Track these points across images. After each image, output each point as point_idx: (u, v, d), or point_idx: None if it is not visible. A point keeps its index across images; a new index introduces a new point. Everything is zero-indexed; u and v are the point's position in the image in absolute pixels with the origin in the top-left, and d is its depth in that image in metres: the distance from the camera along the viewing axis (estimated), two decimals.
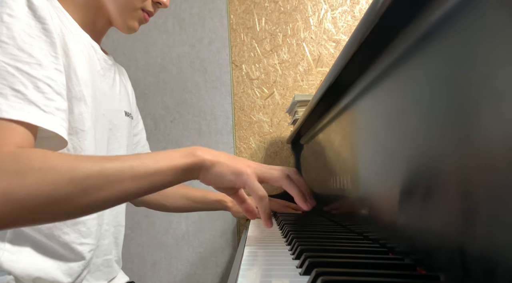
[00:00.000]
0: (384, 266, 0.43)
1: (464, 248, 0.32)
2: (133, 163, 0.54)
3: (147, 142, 1.06)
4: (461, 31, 0.33)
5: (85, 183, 0.50)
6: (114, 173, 0.52)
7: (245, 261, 0.50)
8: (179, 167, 0.57)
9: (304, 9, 1.50)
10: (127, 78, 0.99)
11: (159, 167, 0.55)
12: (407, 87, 0.44)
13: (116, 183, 0.52)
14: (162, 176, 0.56)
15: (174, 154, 0.58)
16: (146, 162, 0.55)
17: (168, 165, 0.56)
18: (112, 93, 0.82)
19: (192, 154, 0.58)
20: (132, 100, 0.98)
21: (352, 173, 0.67)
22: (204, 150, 0.60)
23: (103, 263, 0.79)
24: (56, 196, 0.49)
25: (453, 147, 0.34)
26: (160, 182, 0.56)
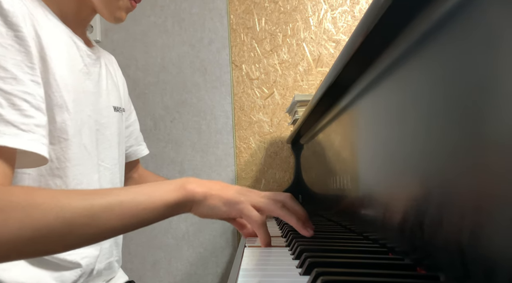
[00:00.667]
0: (384, 266, 0.43)
1: (464, 248, 0.32)
2: (123, 198, 0.53)
3: (140, 134, 1.03)
4: (461, 31, 0.33)
5: (72, 221, 0.49)
6: (102, 210, 0.51)
7: (245, 262, 0.50)
8: (170, 203, 0.56)
9: (304, 9, 1.50)
10: (116, 67, 0.94)
11: (150, 203, 0.54)
12: (407, 87, 0.44)
13: (104, 221, 0.51)
14: (152, 212, 0.54)
15: (165, 188, 0.57)
16: (136, 198, 0.54)
17: (159, 201, 0.55)
18: (98, 90, 0.77)
19: (183, 188, 0.57)
20: (123, 91, 0.93)
21: (352, 173, 0.67)
22: (195, 183, 0.59)
23: (105, 266, 0.78)
24: (42, 234, 0.47)
25: (453, 146, 0.34)
26: (150, 218, 0.54)
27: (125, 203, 0.53)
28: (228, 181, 1.51)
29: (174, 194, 0.57)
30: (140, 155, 1.00)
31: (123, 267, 0.93)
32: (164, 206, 0.55)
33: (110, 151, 0.79)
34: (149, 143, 1.53)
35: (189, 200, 0.58)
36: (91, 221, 0.50)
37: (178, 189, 0.57)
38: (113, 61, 0.94)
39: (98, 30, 1.53)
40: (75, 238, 0.50)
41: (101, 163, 0.76)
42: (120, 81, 0.93)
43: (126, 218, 0.52)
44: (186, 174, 1.51)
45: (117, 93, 0.87)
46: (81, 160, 0.69)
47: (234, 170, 1.51)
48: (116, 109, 0.84)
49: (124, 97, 0.92)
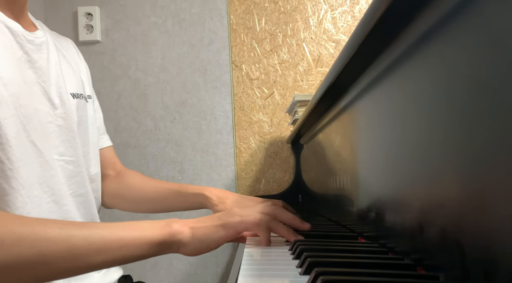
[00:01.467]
0: (384, 266, 0.43)
1: (464, 248, 0.32)
2: (103, 232, 0.50)
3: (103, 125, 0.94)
4: (461, 31, 0.33)
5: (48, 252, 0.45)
6: (81, 243, 0.48)
7: (245, 261, 0.50)
8: (154, 241, 0.53)
9: (304, 9, 1.50)
10: (75, 51, 0.87)
11: (132, 238, 0.51)
12: (407, 87, 0.44)
13: (83, 255, 0.48)
14: (134, 248, 0.51)
15: (148, 226, 0.54)
16: (117, 232, 0.51)
17: (142, 239, 0.52)
18: (47, 78, 0.70)
19: (169, 226, 0.54)
20: (87, 78, 0.86)
21: (352, 173, 0.67)
22: (181, 223, 0.56)
23: None
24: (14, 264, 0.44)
25: (453, 146, 0.34)
26: (131, 255, 0.51)
27: (105, 237, 0.50)
28: (228, 181, 1.51)
29: (159, 232, 0.53)
30: (101, 145, 0.91)
31: (123, 266, 0.93)
32: (147, 245, 0.52)
33: (69, 143, 0.73)
34: (149, 143, 1.53)
35: (175, 240, 0.54)
36: (69, 254, 0.47)
37: (162, 228, 0.54)
38: (71, 46, 0.87)
39: (98, 30, 1.53)
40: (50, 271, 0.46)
41: (57, 158, 0.71)
42: (81, 66, 0.87)
43: (106, 253, 0.49)
44: (186, 174, 1.51)
45: (75, 79, 0.80)
46: (31, 158, 0.64)
47: (234, 170, 1.51)
48: (75, 96, 0.77)
49: (85, 84, 0.85)
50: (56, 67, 0.74)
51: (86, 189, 0.79)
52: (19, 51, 0.67)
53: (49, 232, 0.46)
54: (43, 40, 0.72)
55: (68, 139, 0.74)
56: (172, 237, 0.54)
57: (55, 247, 0.46)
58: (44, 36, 0.73)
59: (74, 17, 1.55)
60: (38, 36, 0.71)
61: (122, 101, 1.54)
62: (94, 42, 1.54)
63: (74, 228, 0.49)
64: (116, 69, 1.55)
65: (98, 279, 0.80)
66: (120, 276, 0.88)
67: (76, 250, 0.47)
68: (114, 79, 1.55)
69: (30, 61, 0.68)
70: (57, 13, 1.56)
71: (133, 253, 0.51)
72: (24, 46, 0.68)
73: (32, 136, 0.65)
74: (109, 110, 1.53)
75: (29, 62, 0.68)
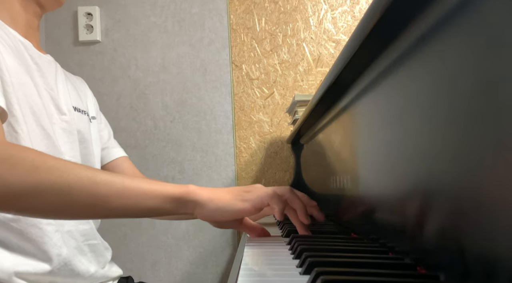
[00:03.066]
0: (384, 266, 0.43)
1: (464, 248, 0.32)
2: (126, 180, 0.54)
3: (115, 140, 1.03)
4: (461, 31, 0.33)
5: (73, 184, 0.51)
6: (104, 183, 0.52)
7: (245, 261, 0.50)
8: (170, 196, 0.56)
9: (304, 9, 1.50)
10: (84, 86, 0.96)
11: (151, 189, 0.55)
12: (407, 87, 0.44)
13: (103, 195, 0.52)
14: (151, 199, 0.55)
15: (169, 184, 0.57)
16: (139, 184, 0.55)
17: (160, 191, 0.55)
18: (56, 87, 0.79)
19: (186, 187, 0.58)
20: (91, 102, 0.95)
21: (352, 173, 0.67)
22: (200, 187, 0.59)
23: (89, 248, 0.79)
24: (44, 189, 0.50)
25: (453, 146, 0.34)
26: (148, 206, 0.55)
27: (127, 183, 0.54)
28: (228, 181, 1.51)
29: (176, 189, 0.57)
30: (114, 156, 0.99)
31: (123, 266, 0.93)
32: (164, 198, 0.55)
33: (72, 145, 0.79)
34: (149, 143, 1.53)
35: (191, 199, 0.57)
36: (91, 190, 0.51)
37: (180, 187, 0.57)
38: (80, 79, 0.97)
39: (98, 30, 1.53)
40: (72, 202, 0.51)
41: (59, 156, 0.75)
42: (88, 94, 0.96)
43: (125, 198, 0.53)
44: (186, 174, 1.51)
45: (80, 98, 0.88)
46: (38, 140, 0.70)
47: (234, 170, 1.51)
48: (76, 109, 0.84)
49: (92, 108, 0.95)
50: (64, 83, 0.82)
51: None
52: (30, 61, 0.74)
53: (76, 168, 0.52)
54: (51, 60, 0.82)
55: (70, 142, 0.79)
56: (188, 195, 0.57)
57: (80, 181, 0.51)
58: (53, 60, 0.83)
59: (74, 17, 1.55)
60: (47, 57, 0.81)
61: (122, 101, 1.54)
62: (94, 42, 1.54)
63: (99, 171, 0.54)
64: (116, 69, 1.55)
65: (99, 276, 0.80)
66: (120, 277, 0.89)
67: (98, 188, 0.52)
68: (114, 79, 1.55)
69: (40, 71, 0.75)
70: (57, 13, 1.56)
71: (149, 203, 0.55)
72: (34, 58, 0.75)
73: (40, 121, 0.71)
74: (109, 110, 1.53)
75: (38, 71, 0.75)
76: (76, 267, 0.73)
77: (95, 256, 0.81)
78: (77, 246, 0.76)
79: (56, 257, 0.70)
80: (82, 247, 0.77)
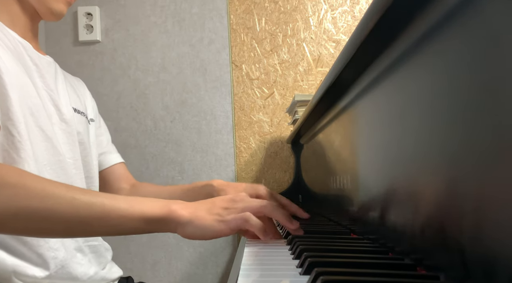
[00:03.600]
0: (384, 266, 0.43)
1: (464, 248, 0.32)
2: (105, 200, 0.55)
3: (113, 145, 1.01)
4: (461, 31, 0.33)
5: (53, 208, 0.52)
6: (83, 205, 0.53)
7: (245, 261, 0.50)
8: (149, 217, 0.56)
9: (304, 9, 1.50)
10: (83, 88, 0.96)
11: (131, 211, 0.55)
12: (407, 87, 0.44)
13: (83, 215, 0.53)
14: (131, 221, 0.55)
15: (149, 203, 0.57)
16: (118, 203, 0.55)
17: (138, 213, 0.55)
18: (56, 88, 0.78)
19: (168, 207, 0.57)
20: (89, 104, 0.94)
21: (352, 173, 0.67)
22: (181, 204, 0.58)
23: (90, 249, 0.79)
24: (25, 214, 0.51)
25: (453, 146, 0.34)
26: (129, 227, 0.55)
27: (107, 206, 0.54)
28: (228, 181, 1.51)
29: (156, 210, 0.57)
30: (111, 162, 0.98)
31: (123, 267, 0.93)
32: (144, 219, 0.56)
33: (71, 146, 0.79)
34: (149, 143, 1.53)
35: (172, 220, 0.57)
36: (71, 215, 0.52)
37: (161, 207, 0.57)
38: (80, 81, 0.96)
39: (98, 30, 1.53)
40: (53, 226, 0.53)
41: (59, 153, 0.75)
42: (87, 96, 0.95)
43: (105, 220, 0.54)
44: (186, 174, 1.51)
45: (79, 99, 0.87)
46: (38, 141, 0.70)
47: (234, 170, 1.51)
48: (76, 111, 0.84)
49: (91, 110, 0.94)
50: (63, 85, 0.82)
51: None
52: (29, 62, 0.73)
53: (56, 192, 0.53)
54: (51, 61, 0.81)
55: (69, 143, 0.79)
56: (169, 216, 0.57)
57: (60, 206, 0.52)
58: (52, 61, 0.82)
59: (74, 17, 1.55)
60: (47, 58, 0.80)
61: (122, 101, 1.54)
62: (94, 42, 1.54)
63: (79, 192, 0.54)
64: (116, 69, 1.54)
65: (99, 279, 0.80)
66: (119, 277, 0.89)
67: (78, 212, 0.53)
68: (114, 79, 1.55)
69: (39, 72, 0.75)
70: None
71: (130, 225, 0.55)
72: (34, 59, 0.75)
73: (39, 123, 0.70)
74: (109, 110, 1.53)
75: (38, 72, 0.75)
76: (73, 270, 0.73)
77: (95, 257, 0.81)
78: (77, 247, 0.75)
79: (52, 261, 0.69)
80: (83, 248, 0.77)
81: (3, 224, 0.51)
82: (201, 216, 0.58)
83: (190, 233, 0.57)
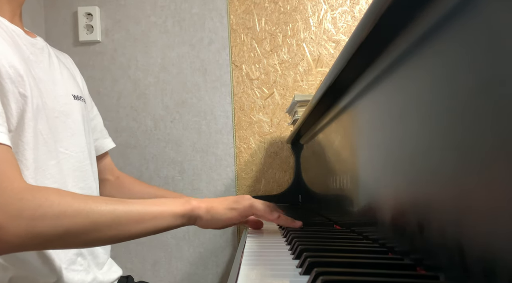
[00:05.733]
0: (384, 266, 0.43)
1: (464, 248, 0.32)
2: (138, 207, 0.62)
3: (104, 128, 1.00)
4: (461, 31, 0.33)
5: (97, 220, 0.58)
6: (123, 215, 0.60)
7: (245, 261, 0.50)
8: (178, 213, 0.65)
9: (304, 9, 1.50)
10: (73, 65, 0.93)
11: (161, 212, 0.64)
12: (406, 87, 0.44)
13: (123, 224, 0.60)
14: (162, 220, 0.64)
15: (173, 202, 0.66)
16: (150, 207, 0.63)
17: (169, 211, 0.65)
18: (51, 78, 0.76)
19: (189, 203, 0.67)
20: (83, 86, 0.93)
21: (352, 173, 0.67)
22: (198, 200, 0.69)
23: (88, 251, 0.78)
24: (72, 230, 0.56)
25: (453, 146, 0.34)
26: (161, 225, 0.64)
27: (141, 211, 0.62)
28: (228, 181, 1.51)
29: (181, 207, 0.66)
30: (107, 147, 0.98)
31: (124, 266, 0.93)
32: (174, 217, 0.65)
33: (74, 139, 0.78)
34: (149, 143, 1.53)
35: (194, 214, 0.67)
36: (113, 223, 0.59)
37: (184, 204, 0.67)
38: (68, 58, 0.93)
39: (98, 30, 1.53)
40: (99, 237, 0.59)
41: (62, 151, 0.75)
42: (78, 77, 0.92)
43: (140, 223, 0.62)
44: (186, 174, 1.51)
45: (74, 83, 0.85)
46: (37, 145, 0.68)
47: (234, 170, 1.51)
48: (76, 98, 0.82)
49: (84, 90, 0.92)
50: (59, 70, 0.80)
51: (90, 184, 0.81)
52: (26, 51, 0.72)
53: (98, 206, 0.58)
54: (43, 45, 0.79)
55: (72, 135, 0.78)
56: (192, 211, 0.67)
57: (103, 218, 0.58)
58: (43, 43, 0.80)
59: (74, 17, 1.55)
60: (39, 41, 0.78)
61: (122, 101, 1.54)
62: (94, 42, 1.54)
63: (117, 203, 0.61)
64: (116, 69, 1.55)
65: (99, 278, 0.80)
66: (119, 276, 0.89)
67: (119, 220, 0.59)
68: (114, 79, 1.55)
69: (36, 61, 0.74)
70: (57, 13, 1.56)
71: (162, 223, 0.64)
72: (28, 47, 0.73)
73: (39, 126, 0.69)
74: (109, 110, 1.53)
75: (35, 62, 0.73)
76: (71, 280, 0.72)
77: (93, 258, 0.80)
78: (77, 251, 0.75)
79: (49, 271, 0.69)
80: (82, 251, 0.77)
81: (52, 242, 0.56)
82: (216, 207, 0.69)
83: (206, 223, 0.68)
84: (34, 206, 0.53)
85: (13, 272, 0.66)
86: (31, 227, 0.53)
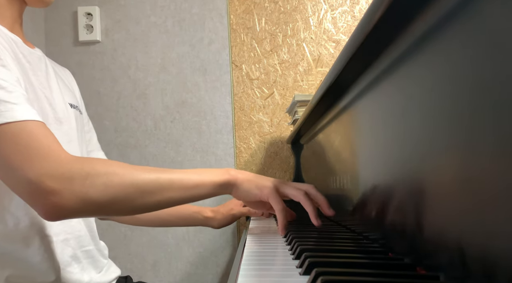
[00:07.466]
0: (384, 266, 0.43)
1: (464, 248, 0.32)
2: (181, 175, 0.66)
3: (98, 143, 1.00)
4: (461, 31, 0.33)
5: (143, 188, 0.61)
6: (166, 182, 0.63)
7: (245, 261, 0.50)
8: (217, 182, 0.68)
9: (304, 9, 1.50)
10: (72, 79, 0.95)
11: (202, 180, 0.66)
12: (406, 87, 0.44)
13: (166, 191, 0.63)
14: (203, 188, 0.67)
15: (213, 172, 0.69)
16: (191, 176, 0.66)
17: (209, 180, 0.67)
18: (48, 85, 0.78)
19: (227, 173, 0.70)
20: (80, 99, 0.94)
21: (352, 173, 0.67)
22: (236, 171, 0.72)
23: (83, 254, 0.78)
24: (120, 197, 0.59)
25: (452, 146, 0.34)
26: (200, 193, 0.67)
27: (184, 179, 0.65)
28: None
29: (221, 176, 0.69)
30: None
31: (123, 267, 0.93)
32: (212, 185, 0.67)
33: (69, 146, 0.78)
34: (149, 143, 1.53)
35: (231, 183, 0.69)
36: (157, 190, 0.62)
37: (223, 173, 0.69)
38: (67, 72, 0.95)
39: (98, 30, 1.53)
40: (144, 203, 0.62)
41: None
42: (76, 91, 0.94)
43: (182, 190, 0.65)
44: None
45: (71, 93, 0.87)
46: None
47: None
48: (72, 106, 0.84)
49: (81, 103, 0.93)
50: (55, 80, 0.81)
51: None
52: (23, 59, 0.73)
53: (143, 174, 0.62)
54: (40, 55, 0.81)
55: (68, 142, 0.78)
56: (229, 181, 0.69)
57: (148, 185, 0.61)
58: (41, 53, 0.82)
59: (74, 17, 1.55)
60: (37, 52, 0.80)
61: (122, 101, 1.54)
62: (94, 42, 1.54)
63: (161, 172, 0.64)
64: (116, 69, 1.54)
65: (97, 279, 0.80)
66: (117, 276, 0.88)
67: (162, 186, 0.63)
68: (114, 79, 1.55)
69: (33, 69, 0.75)
70: (57, 13, 1.56)
71: (203, 191, 0.67)
72: (26, 56, 0.74)
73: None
74: (109, 110, 1.53)
75: (32, 70, 0.74)
76: (67, 281, 0.72)
77: (91, 262, 0.80)
78: (73, 255, 0.75)
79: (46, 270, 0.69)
80: (78, 254, 0.76)
81: (104, 208, 0.59)
82: (248, 179, 0.71)
83: (240, 193, 0.70)
84: (84, 174, 0.57)
85: (10, 271, 0.66)
86: (84, 193, 0.56)
